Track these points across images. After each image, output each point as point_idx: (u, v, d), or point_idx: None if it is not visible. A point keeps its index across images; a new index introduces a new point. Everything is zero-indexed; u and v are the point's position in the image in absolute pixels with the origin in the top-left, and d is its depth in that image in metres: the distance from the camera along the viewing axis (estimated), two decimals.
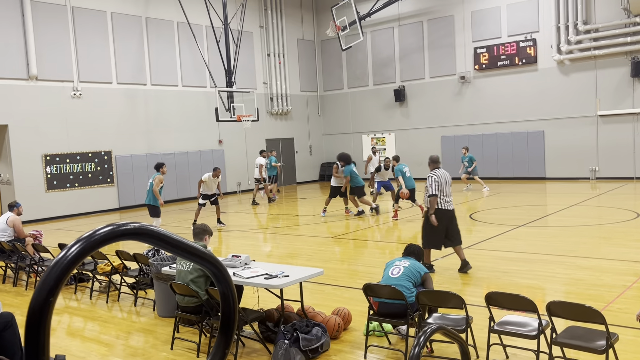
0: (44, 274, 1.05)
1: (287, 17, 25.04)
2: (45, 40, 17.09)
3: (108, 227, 1.13)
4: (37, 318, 1.03)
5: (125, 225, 1.15)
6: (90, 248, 1.09)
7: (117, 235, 1.13)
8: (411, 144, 23.96)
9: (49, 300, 1.04)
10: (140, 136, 19.67)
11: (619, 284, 7.02)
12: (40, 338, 1.04)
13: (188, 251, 1.29)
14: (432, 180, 7.85)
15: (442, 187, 7.86)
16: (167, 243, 1.23)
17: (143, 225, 1.18)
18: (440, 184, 7.83)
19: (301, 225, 13.70)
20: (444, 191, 7.88)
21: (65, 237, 12.96)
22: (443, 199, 7.88)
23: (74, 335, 6.42)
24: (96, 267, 8.06)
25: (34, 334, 1.03)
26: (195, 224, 6.37)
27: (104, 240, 1.11)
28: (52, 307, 1.04)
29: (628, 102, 19.04)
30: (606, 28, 19.11)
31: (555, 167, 20.62)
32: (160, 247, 1.24)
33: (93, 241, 1.10)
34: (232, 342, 1.47)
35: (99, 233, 1.11)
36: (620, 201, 14.46)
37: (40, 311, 1.04)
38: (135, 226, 1.16)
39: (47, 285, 1.04)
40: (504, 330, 4.65)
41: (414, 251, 5.73)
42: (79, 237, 1.11)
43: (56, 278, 1.05)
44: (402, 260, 5.54)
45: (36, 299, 1.04)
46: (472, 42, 22.00)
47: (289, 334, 5.18)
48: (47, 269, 1.07)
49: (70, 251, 1.08)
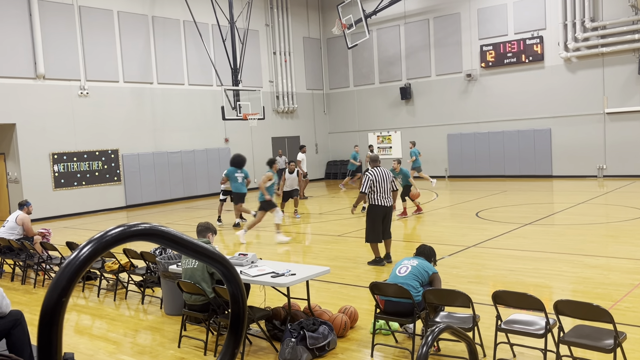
0: (56, 274, 1.06)
1: (293, 15, 25.03)
2: (53, 39, 17.17)
3: (119, 228, 1.13)
4: (49, 318, 1.04)
5: (136, 226, 1.16)
6: (102, 249, 1.10)
7: (128, 236, 1.14)
8: (417, 142, 23.87)
9: (61, 301, 1.05)
10: (147, 135, 19.73)
11: (627, 282, 6.99)
12: (52, 338, 1.05)
13: (198, 251, 1.30)
14: (366, 179, 8.39)
15: (378, 185, 8.32)
16: (178, 243, 1.24)
17: (153, 226, 1.19)
18: (374, 182, 8.29)
19: (307, 223, 13.71)
20: (380, 188, 8.33)
21: (72, 236, 13.02)
22: (380, 195, 8.35)
23: (82, 333, 6.46)
24: (104, 266, 8.10)
25: (46, 334, 1.04)
26: (203, 222, 6.35)
27: (115, 241, 1.12)
28: (64, 308, 1.05)
29: (636, 99, 18.93)
30: (613, 25, 19.00)
31: (562, 165, 20.54)
32: (171, 248, 1.25)
33: (105, 242, 1.11)
34: (241, 342, 1.47)
35: (110, 234, 1.12)
36: (627, 199, 14.39)
37: (52, 311, 1.05)
38: (146, 227, 1.17)
39: (60, 285, 1.05)
40: (511, 329, 4.65)
41: (423, 251, 5.73)
42: (90, 238, 1.12)
43: (68, 278, 1.06)
44: (411, 260, 5.54)
45: (49, 299, 1.05)
46: (479, 39, 21.93)
47: (296, 332, 5.19)
48: (60, 270, 1.08)
49: (82, 252, 1.08)
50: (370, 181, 8.33)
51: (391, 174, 8.60)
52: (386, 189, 8.40)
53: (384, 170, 8.50)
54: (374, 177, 8.35)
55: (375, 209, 8.44)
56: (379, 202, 8.39)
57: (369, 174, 8.42)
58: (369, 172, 8.48)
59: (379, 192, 8.35)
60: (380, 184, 8.34)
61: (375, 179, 8.33)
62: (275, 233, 11.44)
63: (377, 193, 8.36)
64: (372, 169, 8.49)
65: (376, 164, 8.67)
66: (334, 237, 11.66)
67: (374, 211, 8.45)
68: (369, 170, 8.55)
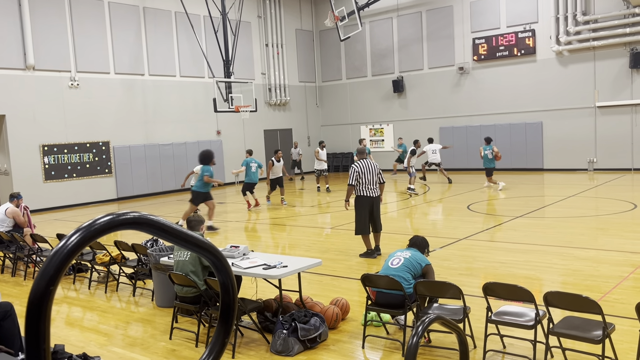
0: (44, 263, 1.05)
1: (285, 7, 24.92)
2: (43, 30, 17.00)
3: (108, 217, 1.12)
4: (37, 307, 1.03)
5: (124, 214, 1.14)
6: (90, 237, 1.09)
7: (116, 225, 1.13)
8: (409, 135, 23.94)
9: (49, 289, 1.04)
10: (138, 127, 19.62)
11: (616, 274, 7.05)
12: (40, 327, 1.04)
13: (187, 240, 1.29)
14: (352, 171, 8.54)
15: (364, 177, 8.45)
16: (167, 232, 1.23)
17: (142, 215, 1.18)
18: (359, 174, 8.45)
19: (299, 215, 13.71)
20: (366, 180, 8.47)
21: (63, 228, 12.96)
22: (366, 186, 8.47)
23: (73, 325, 6.44)
24: (95, 258, 8.06)
25: (34, 323, 1.03)
26: (193, 216, 6.31)
27: (103, 229, 1.11)
28: (52, 296, 1.04)
29: (626, 93, 19.03)
30: (605, 19, 19.06)
31: (553, 158, 20.64)
32: (160, 237, 1.24)
33: (93, 230, 1.09)
34: (231, 332, 1.47)
35: (98, 222, 1.11)
36: (617, 192, 14.50)
37: (40, 300, 1.04)
38: (134, 215, 1.15)
39: (47, 274, 1.04)
40: (501, 320, 4.68)
41: (416, 242, 5.73)
42: (78, 227, 1.11)
43: (56, 267, 1.05)
44: (404, 252, 5.54)
45: (36, 288, 1.04)
46: (471, 32, 21.94)
47: (288, 324, 5.20)
48: (47, 258, 1.07)
49: (70, 240, 1.07)
50: (356, 173, 8.47)
51: (378, 165, 8.71)
52: (372, 180, 8.52)
53: (371, 162, 8.61)
54: (359, 168, 8.47)
55: (362, 200, 8.56)
56: (365, 193, 8.52)
57: (355, 165, 8.55)
58: (355, 164, 8.61)
59: (365, 184, 8.49)
60: (366, 175, 8.47)
61: (361, 171, 8.46)
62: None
63: (363, 184, 8.50)
64: (359, 161, 8.62)
65: (363, 156, 8.81)
66: (326, 229, 11.67)
67: (360, 202, 8.58)
68: (355, 162, 8.68)
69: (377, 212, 8.70)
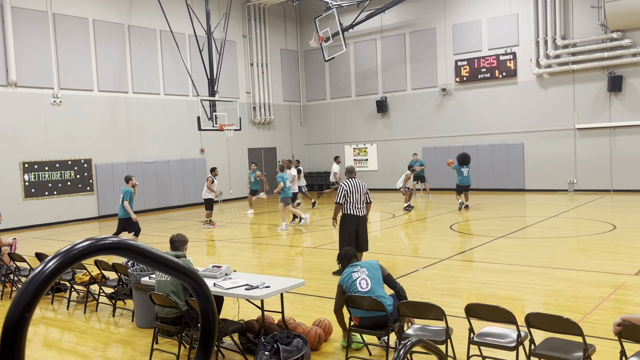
0: (20, 289, 1.04)
1: (270, 27, 25.10)
2: (26, 47, 16.91)
3: (86, 242, 1.11)
4: (12, 334, 1.02)
5: (104, 239, 1.14)
6: (69, 263, 1.08)
7: (95, 250, 1.12)
8: (393, 154, 24.11)
9: (25, 317, 1.02)
10: (121, 144, 19.50)
11: (596, 295, 7.11)
12: (15, 355, 1.02)
13: (168, 265, 1.28)
14: (340, 189, 8.63)
15: (352, 195, 8.54)
16: (147, 257, 1.22)
17: (122, 240, 1.17)
18: (347, 193, 8.52)
19: (282, 235, 13.66)
20: (354, 199, 8.56)
21: (42, 247, 12.75)
22: (353, 205, 8.56)
23: (50, 347, 6.30)
24: (74, 277, 7.93)
25: (8, 351, 1.01)
26: (174, 235, 6.15)
27: (82, 254, 1.10)
28: (27, 324, 1.03)
29: (605, 115, 19.40)
30: (584, 43, 19.49)
31: (534, 179, 20.89)
32: (140, 262, 1.24)
33: (71, 256, 1.08)
34: (211, 356, 1.46)
35: (77, 247, 1.10)
36: (597, 213, 14.69)
37: (15, 327, 1.02)
38: (114, 241, 1.15)
39: (23, 301, 1.03)
40: (483, 341, 4.68)
41: (351, 256, 5.81)
42: (57, 252, 1.10)
43: (32, 294, 1.03)
44: (358, 271, 5.40)
45: (11, 315, 1.02)
46: (454, 55, 22.27)
47: (270, 345, 5.15)
48: (24, 284, 1.06)
49: (48, 266, 1.06)
50: (344, 191, 8.56)
51: (365, 185, 8.82)
52: (359, 200, 8.61)
53: (359, 181, 8.72)
54: (347, 187, 8.57)
55: (348, 218, 8.63)
56: (351, 212, 8.60)
57: (343, 184, 8.64)
58: (343, 182, 8.70)
59: (352, 203, 8.57)
60: (353, 194, 8.56)
61: (349, 190, 8.55)
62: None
63: (350, 203, 8.58)
64: (347, 180, 8.71)
65: (351, 175, 8.88)
66: (308, 249, 11.63)
67: (346, 220, 8.65)
68: (343, 181, 8.75)
69: (364, 231, 8.76)
